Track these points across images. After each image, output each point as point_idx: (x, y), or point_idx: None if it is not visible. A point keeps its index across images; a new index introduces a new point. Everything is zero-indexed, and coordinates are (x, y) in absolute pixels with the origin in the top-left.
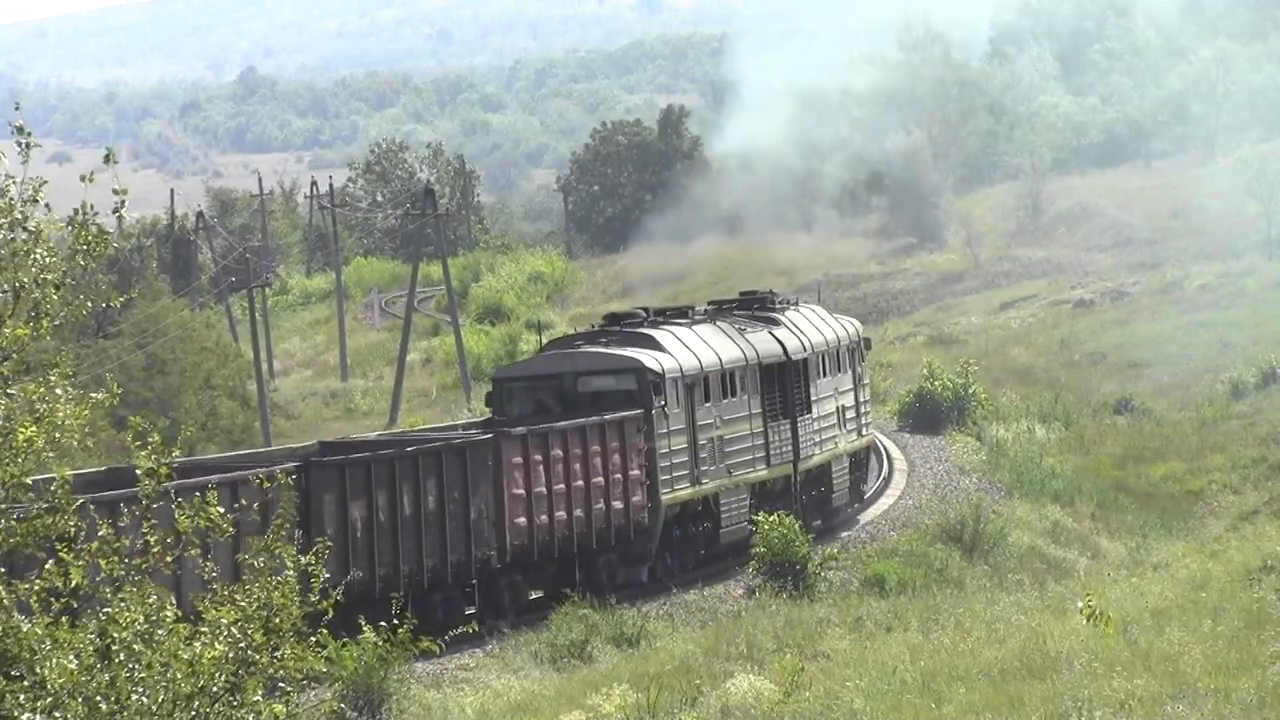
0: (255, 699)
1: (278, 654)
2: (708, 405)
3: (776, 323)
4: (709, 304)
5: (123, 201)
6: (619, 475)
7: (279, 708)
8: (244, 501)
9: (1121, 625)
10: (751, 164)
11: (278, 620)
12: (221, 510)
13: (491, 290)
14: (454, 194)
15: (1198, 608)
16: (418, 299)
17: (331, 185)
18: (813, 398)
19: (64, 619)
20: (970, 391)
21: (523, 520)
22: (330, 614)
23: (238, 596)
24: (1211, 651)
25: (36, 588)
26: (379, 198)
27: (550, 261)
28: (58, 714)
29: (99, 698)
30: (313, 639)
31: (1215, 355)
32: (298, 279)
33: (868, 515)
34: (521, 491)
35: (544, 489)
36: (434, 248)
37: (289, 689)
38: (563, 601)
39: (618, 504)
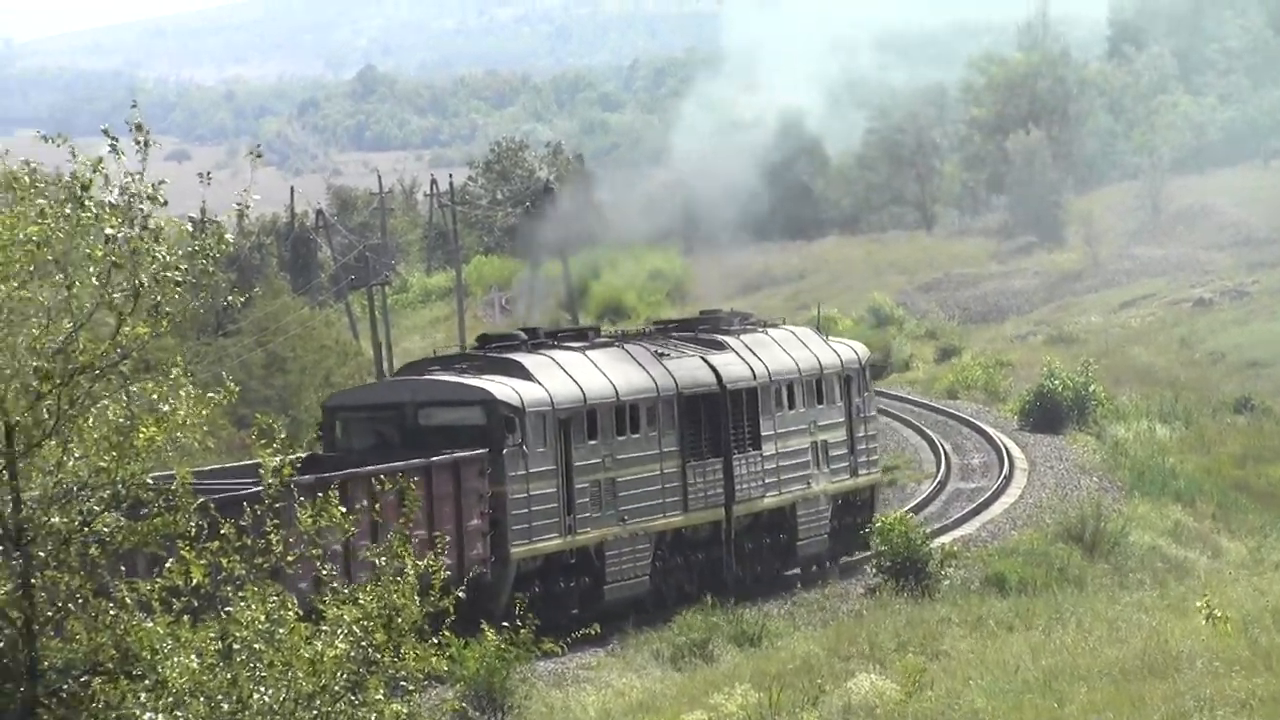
0: (377, 698)
1: (399, 653)
2: (592, 443)
3: (721, 347)
4: (654, 323)
5: (248, 206)
6: (450, 527)
7: (400, 707)
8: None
9: (1242, 625)
10: (871, 162)
11: (399, 619)
12: (343, 510)
13: (611, 288)
14: (574, 192)
15: None
16: (538, 297)
17: (451, 183)
18: (764, 432)
19: (185, 618)
20: (1090, 390)
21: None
22: (452, 613)
23: (359, 595)
24: None
25: (158, 587)
26: (499, 196)
27: (669, 260)
28: (179, 713)
29: (220, 697)
30: (434, 638)
31: None
32: (417, 277)
33: (990, 514)
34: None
35: (340, 547)
36: (553, 246)
37: (411, 688)
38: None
39: (447, 560)
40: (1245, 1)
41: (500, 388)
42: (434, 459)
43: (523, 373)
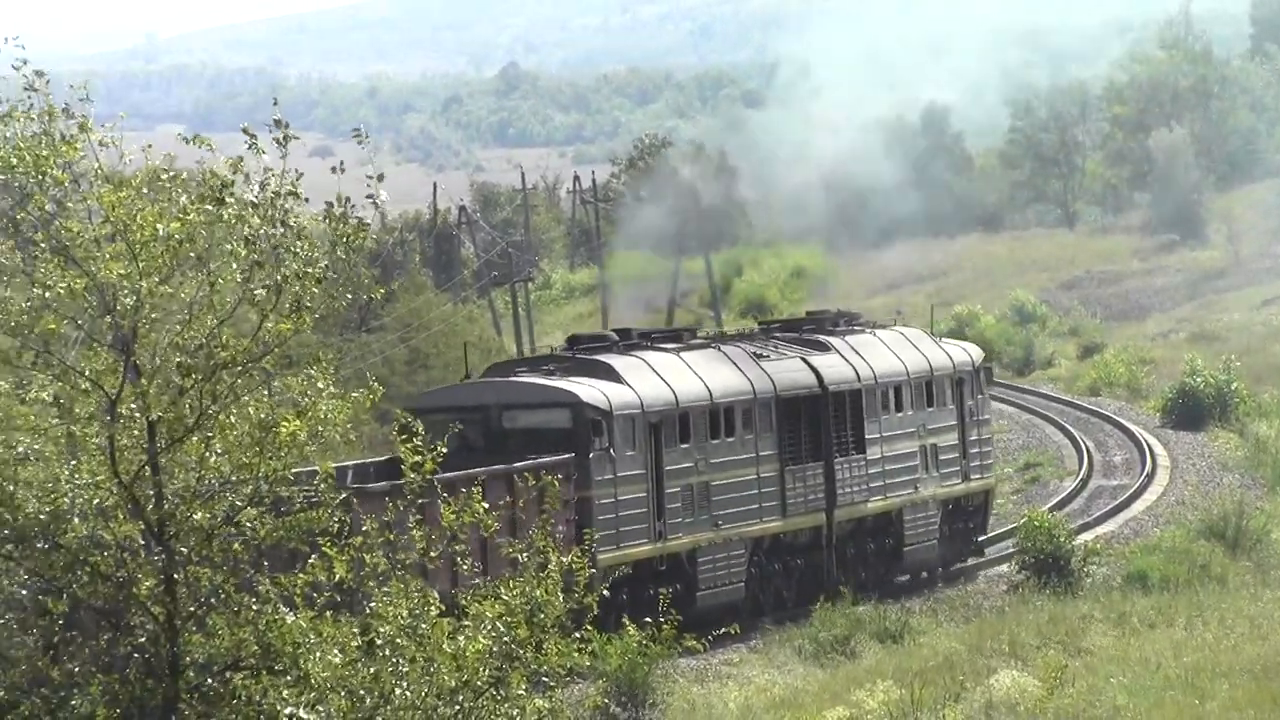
0: (519, 693)
1: (541, 648)
2: (685, 447)
3: (824, 348)
4: (759, 324)
5: (380, 192)
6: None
7: (542, 703)
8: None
9: None
10: (1014, 160)
11: (542, 615)
12: (485, 506)
13: (754, 285)
14: (717, 189)
15: None
16: (680, 294)
17: (595, 180)
18: (868, 435)
19: (328, 613)
20: (1232, 388)
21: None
22: (595, 610)
23: (502, 591)
24: None
25: (300, 582)
26: (642, 193)
27: (813, 257)
28: (321, 709)
29: (363, 692)
30: (577, 634)
31: None
32: (560, 273)
33: (1132, 511)
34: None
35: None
36: (696, 243)
37: (552, 684)
38: None
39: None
40: None
41: (587, 390)
42: (516, 464)
43: (612, 375)
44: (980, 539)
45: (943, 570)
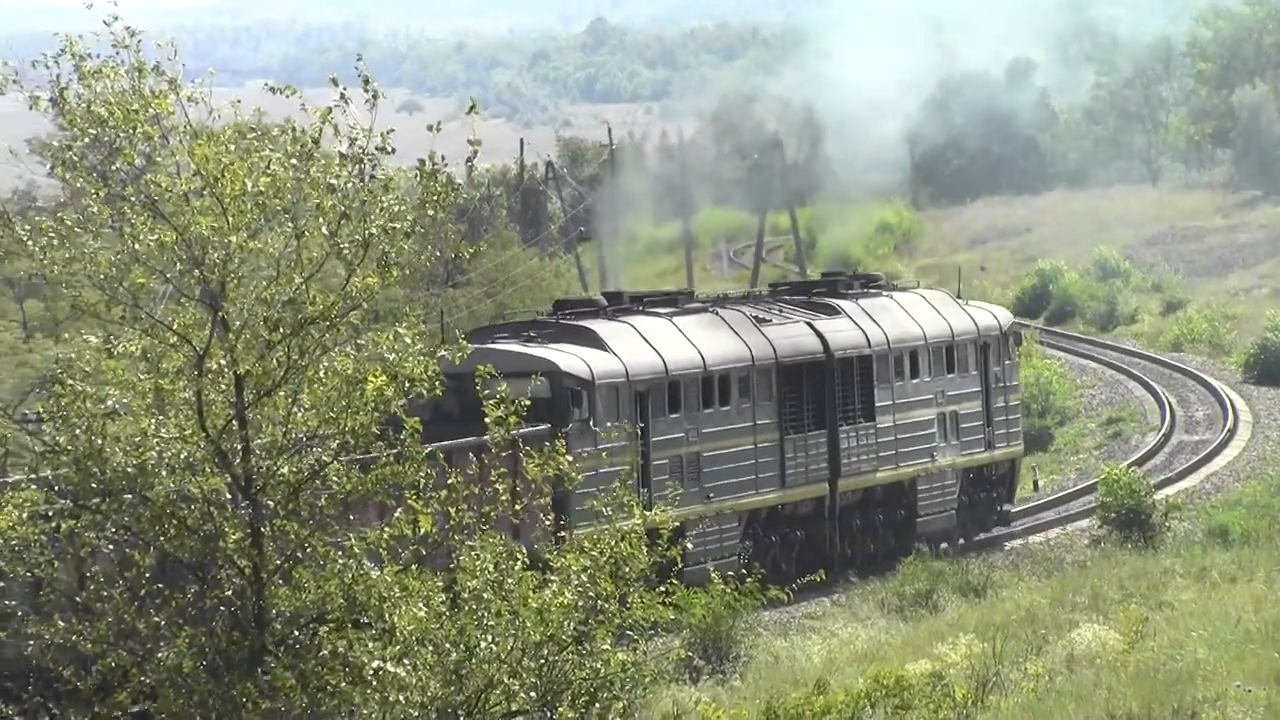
0: (603, 647)
1: (626, 602)
2: (674, 417)
3: (833, 312)
4: (770, 286)
5: (475, 152)
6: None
7: (626, 656)
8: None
9: None
10: (1099, 116)
11: (626, 569)
12: (570, 459)
13: (839, 240)
14: (801, 145)
15: None
16: (766, 249)
17: (681, 136)
18: (879, 403)
19: (413, 567)
20: None
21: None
22: (679, 563)
23: (586, 545)
24: None
25: (386, 536)
26: (726, 149)
27: (898, 213)
28: (406, 662)
29: (448, 645)
30: (661, 588)
31: None
32: (646, 229)
33: (1213, 466)
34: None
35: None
36: (781, 198)
37: (636, 637)
38: None
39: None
40: None
41: (567, 358)
42: (486, 437)
43: (595, 341)
44: (1005, 508)
45: (964, 541)
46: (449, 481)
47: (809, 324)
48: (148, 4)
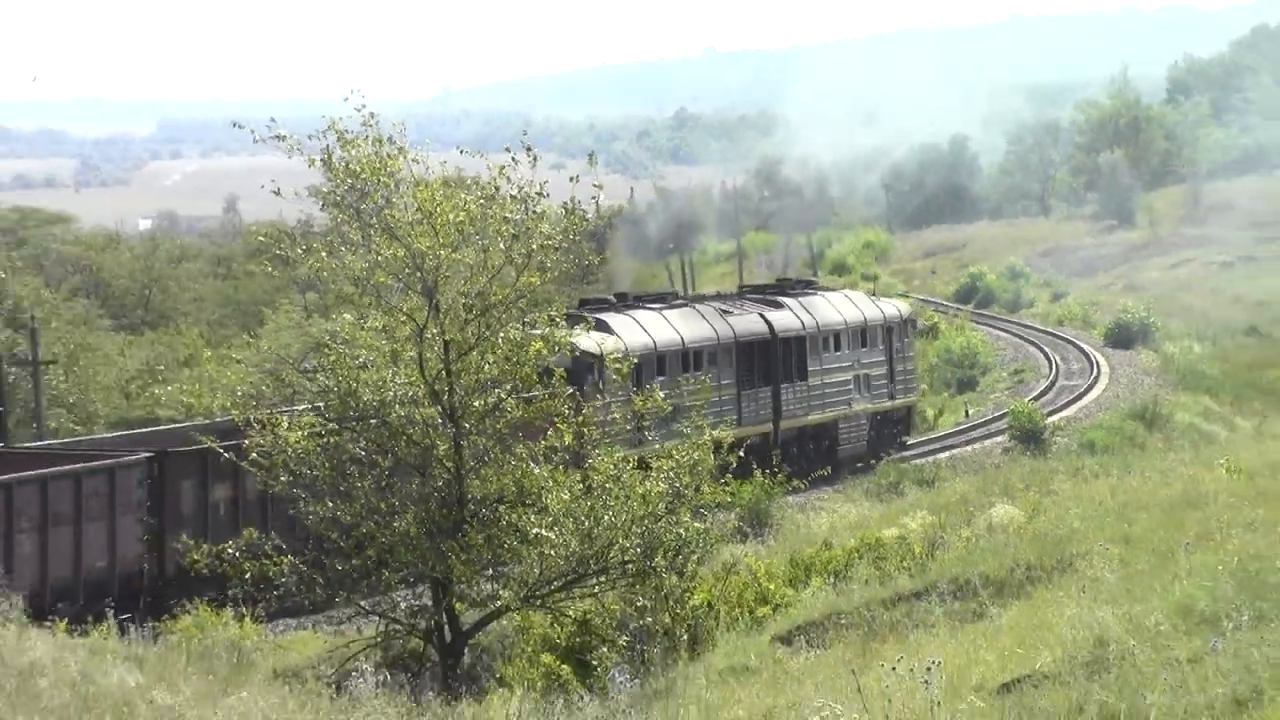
0: (684, 520)
1: (699, 490)
2: (660, 379)
3: (779, 306)
4: (739, 288)
5: (599, 191)
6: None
7: (699, 525)
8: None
9: (1249, 475)
10: (1010, 170)
11: (700, 468)
12: (663, 394)
13: (838, 254)
14: (813, 190)
15: None
16: (788, 260)
17: (735, 184)
18: (810, 368)
19: (560, 467)
20: (1150, 321)
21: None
22: (734, 464)
23: (677, 451)
24: None
25: (543, 446)
26: (765, 193)
27: (878, 235)
28: (556, 529)
29: (583, 517)
30: (722, 480)
31: None
32: (712, 245)
33: (1084, 401)
34: None
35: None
36: (800, 226)
37: (706, 513)
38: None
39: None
40: (1261, 65)
41: (585, 340)
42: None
43: (605, 328)
44: (904, 439)
45: (873, 461)
46: (583, 412)
47: (760, 314)
48: (384, 94)
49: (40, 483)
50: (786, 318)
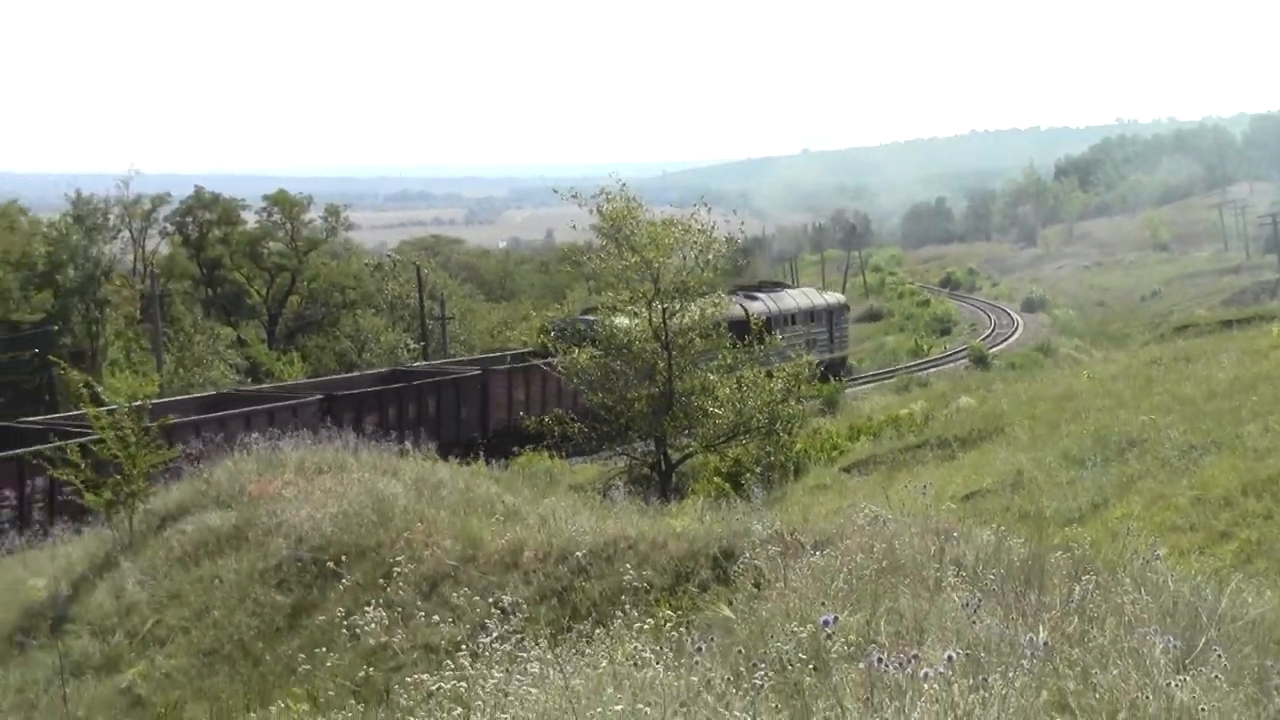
0: (793, 405)
1: (800, 388)
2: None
3: (755, 299)
4: (734, 288)
5: (743, 232)
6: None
7: (800, 408)
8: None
9: (1103, 380)
10: (965, 216)
11: (803, 374)
12: (779, 335)
13: (873, 263)
14: (861, 223)
15: (1132, 373)
16: (840, 269)
17: (814, 223)
18: (779, 335)
19: (726, 374)
20: (1045, 298)
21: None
22: (820, 372)
23: (786, 367)
24: (1136, 385)
25: (715, 365)
26: (832, 226)
27: (894, 252)
28: (723, 409)
29: (735, 402)
30: (815, 381)
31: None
32: (806, 255)
33: (1010, 340)
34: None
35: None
36: (846, 246)
37: (804, 401)
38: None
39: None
40: (1107, 160)
41: (736, 308)
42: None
43: (752, 299)
44: (841, 377)
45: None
46: (737, 344)
47: (740, 304)
48: (628, 165)
49: (455, 383)
50: (758, 306)
